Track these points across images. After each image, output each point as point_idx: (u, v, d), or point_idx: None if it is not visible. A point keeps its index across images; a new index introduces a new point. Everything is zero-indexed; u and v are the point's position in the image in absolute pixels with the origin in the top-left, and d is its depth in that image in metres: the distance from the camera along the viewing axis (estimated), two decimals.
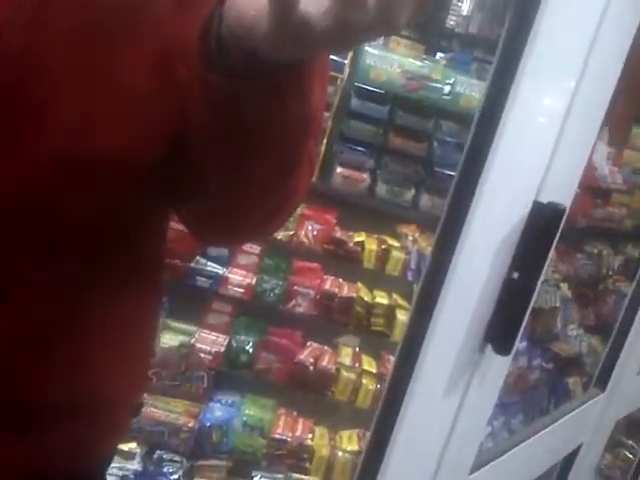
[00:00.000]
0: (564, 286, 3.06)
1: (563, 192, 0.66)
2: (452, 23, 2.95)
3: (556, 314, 2.93)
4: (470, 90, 2.45)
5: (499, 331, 0.60)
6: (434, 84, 2.44)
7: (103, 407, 0.71)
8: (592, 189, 3.07)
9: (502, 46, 0.55)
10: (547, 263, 0.64)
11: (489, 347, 0.63)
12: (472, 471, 0.76)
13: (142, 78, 0.58)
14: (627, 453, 2.59)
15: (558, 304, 2.95)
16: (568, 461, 1.19)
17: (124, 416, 0.79)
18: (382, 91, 2.45)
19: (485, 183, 0.57)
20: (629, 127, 2.96)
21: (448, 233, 0.60)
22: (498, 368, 0.68)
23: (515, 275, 0.60)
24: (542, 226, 0.60)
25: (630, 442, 2.61)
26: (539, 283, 0.64)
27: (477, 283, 0.60)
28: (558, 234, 0.63)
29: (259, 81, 0.47)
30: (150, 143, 0.60)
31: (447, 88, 2.44)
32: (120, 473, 1.88)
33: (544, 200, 0.62)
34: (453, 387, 0.61)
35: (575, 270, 3.12)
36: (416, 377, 0.60)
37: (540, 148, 0.61)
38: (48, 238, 0.59)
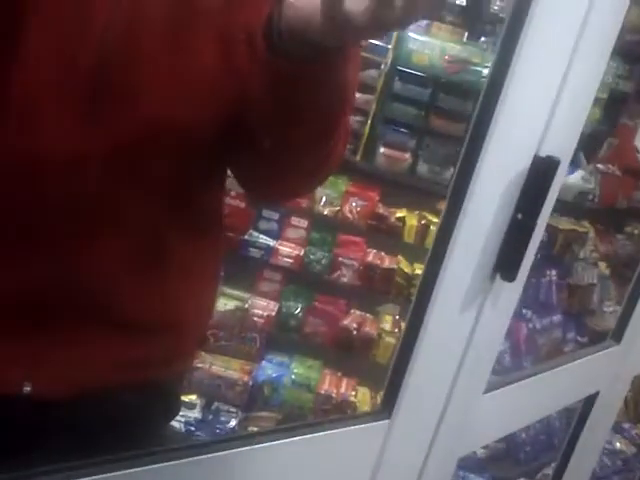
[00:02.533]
0: (602, 265, 3.14)
1: (562, 146, 0.78)
2: (496, 8, 3.04)
3: (592, 291, 3.01)
4: None
5: (505, 262, 0.74)
6: (474, 67, 2.54)
7: (180, 327, 0.88)
8: (633, 171, 3.12)
9: (512, 8, 0.64)
10: (545, 206, 0.76)
11: (498, 276, 0.77)
12: (486, 392, 0.88)
13: (211, 59, 0.74)
14: None
15: (595, 281, 3.03)
16: (585, 410, 1.24)
17: (194, 339, 0.96)
18: (424, 74, 2.57)
19: (491, 140, 0.66)
20: None
21: (461, 182, 0.69)
22: (508, 295, 0.77)
23: (519, 216, 0.71)
24: (540, 176, 0.73)
25: None
26: (538, 222, 0.76)
27: (487, 223, 0.70)
28: (554, 182, 0.75)
29: (313, 63, 0.61)
30: (216, 113, 0.76)
31: (486, 71, 2.55)
32: (183, 419, 2.10)
33: (543, 154, 0.75)
34: (468, 308, 0.71)
35: (615, 250, 3.19)
36: (433, 303, 0.70)
37: (540, 109, 0.70)
38: (138, 188, 0.76)
